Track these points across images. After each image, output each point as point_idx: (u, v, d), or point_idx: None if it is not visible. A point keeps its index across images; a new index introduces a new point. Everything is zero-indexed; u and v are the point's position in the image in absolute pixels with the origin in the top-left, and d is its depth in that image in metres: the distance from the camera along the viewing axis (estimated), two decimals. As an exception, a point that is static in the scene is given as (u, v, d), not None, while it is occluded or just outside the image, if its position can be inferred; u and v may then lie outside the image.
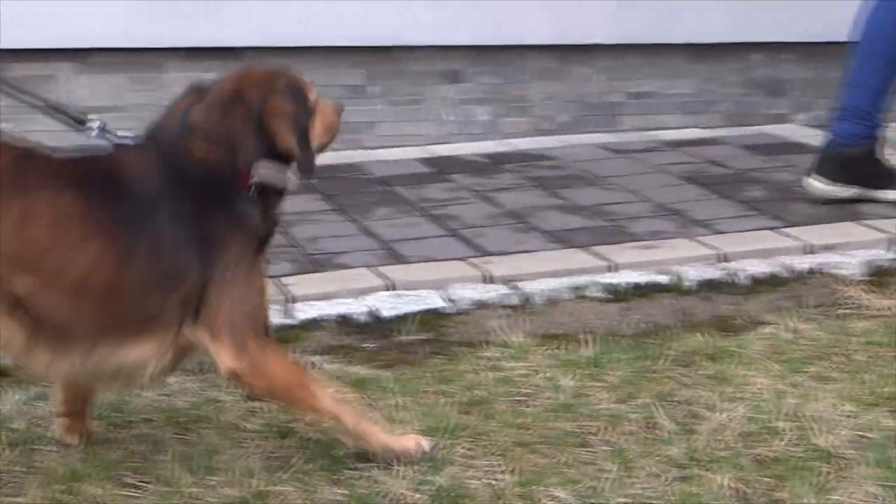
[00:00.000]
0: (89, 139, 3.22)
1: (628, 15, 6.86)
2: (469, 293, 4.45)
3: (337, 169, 6.12)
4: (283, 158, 3.22)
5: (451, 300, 4.42)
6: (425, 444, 3.26)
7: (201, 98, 3.22)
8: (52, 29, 6.18)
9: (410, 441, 3.25)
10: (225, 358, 3.06)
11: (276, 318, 4.24)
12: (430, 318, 4.30)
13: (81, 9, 6.19)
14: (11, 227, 2.89)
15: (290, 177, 3.29)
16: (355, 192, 5.77)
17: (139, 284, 2.99)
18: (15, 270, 2.89)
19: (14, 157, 3.00)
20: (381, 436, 3.22)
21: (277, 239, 4.98)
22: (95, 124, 3.22)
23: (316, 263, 4.77)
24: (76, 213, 2.97)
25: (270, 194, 3.24)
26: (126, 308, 3.00)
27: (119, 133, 3.19)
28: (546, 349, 4.01)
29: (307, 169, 3.24)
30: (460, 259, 4.79)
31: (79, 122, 3.26)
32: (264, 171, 3.18)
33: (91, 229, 2.97)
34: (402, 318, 4.28)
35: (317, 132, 3.31)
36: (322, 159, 3.36)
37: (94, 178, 3.06)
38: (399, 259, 4.81)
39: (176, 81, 6.05)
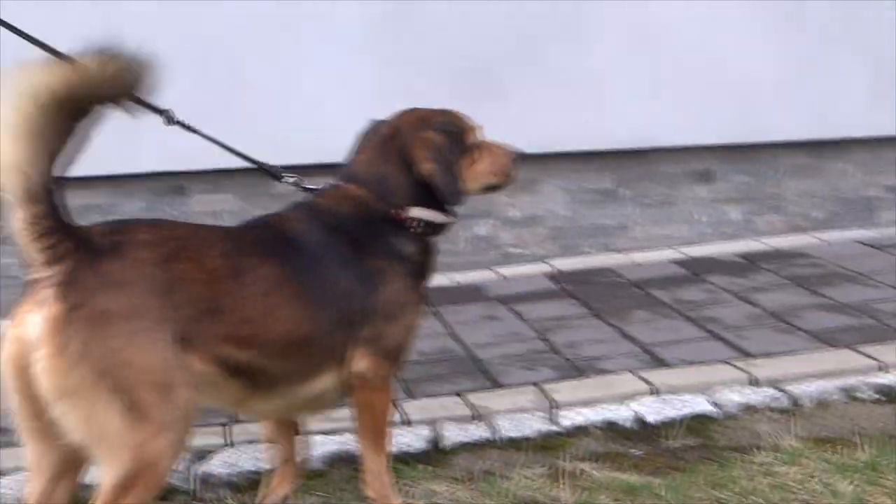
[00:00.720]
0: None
1: (882, 105, 6.72)
2: (735, 397, 4.39)
3: (591, 273, 6.16)
4: (436, 193, 3.41)
5: (717, 404, 4.36)
6: None
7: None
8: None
9: None
10: (360, 362, 3.30)
11: (540, 424, 4.27)
12: (696, 423, 4.25)
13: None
14: (234, 306, 3.09)
15: (444, 213, 3.47)
16: (611, 296, 5.79)
17: (325, 332, 3.24)
18: (242, 344, 3.10)
19: (220, 237, 3.20)
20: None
21: (538, 345, 5.09)
22: (291, 179, 3.61)
23: (577, 369, 4.79)
24: (274, 281, 3.16)
25: (427, 229, 3.44)
26: (315, 351, 3.25)
27: (307, 185, 3.55)
28: (819, 453, 3.91)
29: (447, 195, 3.40)
30: (723, 361, 4.74)
31: (276, 177, 3.65)
32: (418, 210, 3.39)
33: (285, 293, 3.17)
34: (669, 424, 4.24)
35: (480, 170, 3.51)
36: (575, 263, 3.42)
37: (274, 243, 3.25)
38: (661, 363, 4.80)
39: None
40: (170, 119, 3.62)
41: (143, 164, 6.15)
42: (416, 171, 3.38)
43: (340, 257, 3.27)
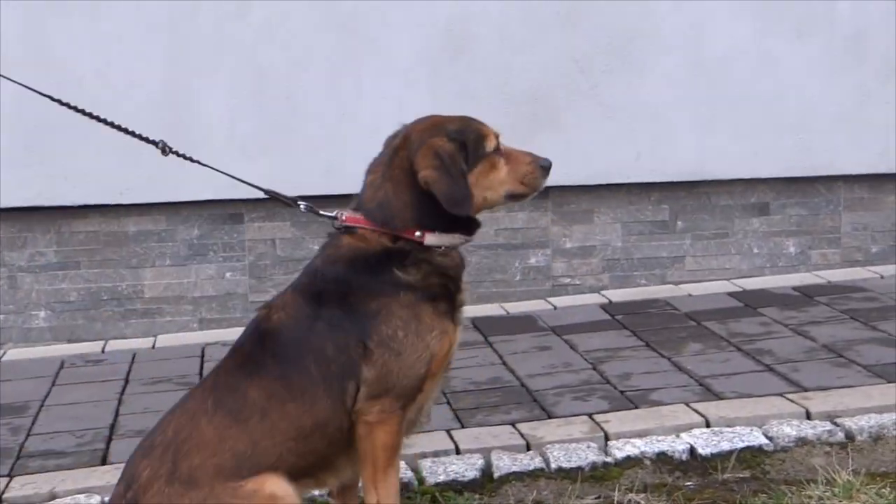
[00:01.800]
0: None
1: (942, 138, 6.68)
2: (790, 430, 4.36)
3: (645, 305, 6.16)
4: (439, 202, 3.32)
5: (770, 437, 4.34)
6: None
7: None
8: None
9: None
10: (361, 398, 3.27)
11: (592, 455, 4.27)
12: (749, 456, 4.23)
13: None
14: (253, 440, 3.27)
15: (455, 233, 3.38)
16: (665, 327, 5.78)
17: (330, 400, 3.29)
18: (275, 464, 3.26)
19: (203, 400, 3.32)
20: None
21: (590, 375, 5.09)
22: (303, 205, 3.58)
23: (630, 400, 4.78)
24: (265, 398, 3.28)
25: (436, 248, 3.35)
26: (332, 420, 3.33)
27: (321, 212, 3.50)
28: (875, 488, 3.87)
29: (448, 203, 3.28)
30: (778, 395, 4.71)
31: (291, 205, 3.61)
32: (431, 236, 3.32)
33: (278, 403, 3.28)
34: (721, 456, 4.22)
35: (500, 178, 3.39)
36: (629, 294, 3.39)
37: (255, 354, 3.33)
38: (714, 395, 4.78)
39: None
40: (165, 149, 3.61)
41: (200, 192, 6.23)
42: (420, 180, 3.30)
43: (328, 322, 3.26)
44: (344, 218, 3.38)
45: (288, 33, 6.28)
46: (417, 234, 3.32)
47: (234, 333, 3.82)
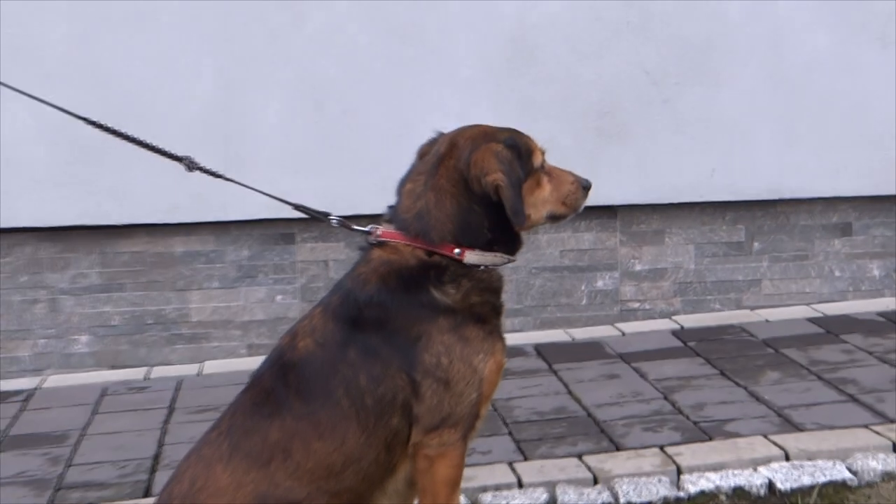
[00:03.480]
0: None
1: None
2: (875, 464, 4.35)
3: (719, 331, 6.16)
4: (490, 222, 3.30)
5: (855, 471, 4.33)
6: None
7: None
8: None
9: None
10: (417, 432, 3.25)
11: (664, 489, 4.28)
12: (832, 491, 4.23)
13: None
14: (283, 481, 3.23)
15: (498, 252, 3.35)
16: (740, 355, 5.78)
17: (364, 436, 3.26)
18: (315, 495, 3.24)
19: (220, 449, 3.28)
20: None
21: (661, 405, 5.09)
22: (334, 219, 3.57)
23: (704, 431, 4.79)
24: (288, 437, 3.24)
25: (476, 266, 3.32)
26: (367, 456, 3.28)
27: (354, 226, 3.51)
28: (967, 527, 3.87)
29: (514, 214, 3.26)
30: (862, 426, 4.71)
31: (322, 219, 3.61)
32: (470, 254, 3.28)
33: (301, 440, 3.23)
34: (802, 491, 4.22)
35: (544, 196, 3.39)
36: (702, 320, 3.39)
37: (277, 390, 3.29)
38: (794, 426, 4.78)
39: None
40: (190, 165, 3.61)
41: (250, 211, 6.30)
42: (481, 185, 3.26)
43: (362, 349, 3.22)
44: (379, 233, 3.36)
45: (344, 45, 6.34)
46: (457, 251, 3.29)
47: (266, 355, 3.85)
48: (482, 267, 3.32)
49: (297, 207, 3.63)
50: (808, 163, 6.59)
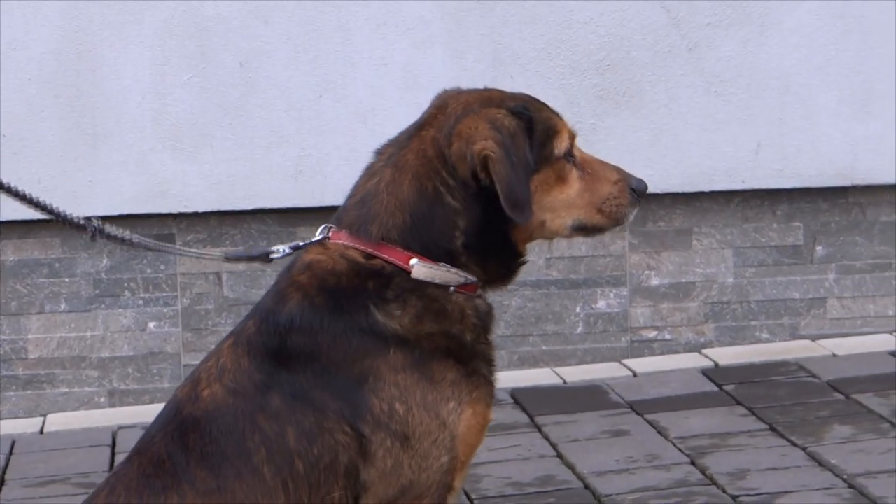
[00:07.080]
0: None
1: None
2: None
3: (768, 369, 6.18)
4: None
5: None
6: None
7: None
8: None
9: None
10: None
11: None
12: None
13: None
14: None
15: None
16: (797, 402, 5.82)
17: None
18: None
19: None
20: None
21: (687, 473, 5.10)
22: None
23: (747, 510, 4.82)
24: None
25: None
26: None
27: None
28: None
29: (511, 202, 3.21)
30: (966, 502, 4.75)
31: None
32: (418, 268, 3.25)
33: None
34: None
35: (568, 197, 3.35)
36: (744, 354, 3.39)
37: (177, 457, 3.29)
38: (871, 502, 4.80)
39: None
40: (94, 235, 3.54)
41: (112, 203, 6.24)
42: (466, 162, 3.24)
43: (288, 395, 3.22)
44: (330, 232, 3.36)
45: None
46: (413, 261, 3.26)
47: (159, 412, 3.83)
48: (453, 290, 3.28)
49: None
50: (890, 136, 6.61)
